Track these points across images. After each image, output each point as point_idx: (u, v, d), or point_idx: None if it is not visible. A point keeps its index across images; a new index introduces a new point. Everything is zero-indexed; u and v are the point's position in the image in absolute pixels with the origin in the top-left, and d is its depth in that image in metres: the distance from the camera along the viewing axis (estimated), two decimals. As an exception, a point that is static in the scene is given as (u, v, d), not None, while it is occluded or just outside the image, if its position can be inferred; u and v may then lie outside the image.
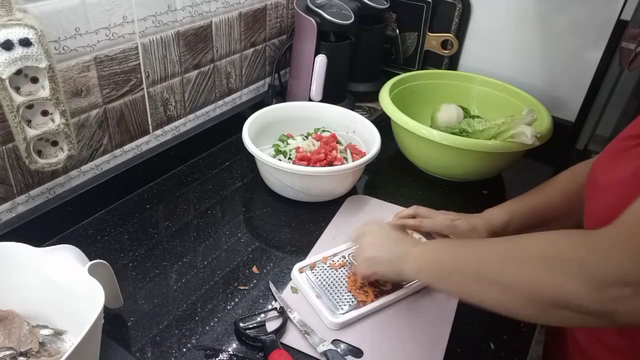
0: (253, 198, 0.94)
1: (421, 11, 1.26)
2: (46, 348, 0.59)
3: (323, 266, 0.77)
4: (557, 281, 0.46)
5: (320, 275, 0.75)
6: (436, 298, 0.74)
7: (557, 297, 0.46)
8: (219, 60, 1.05)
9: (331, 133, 1.00)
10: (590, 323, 0.47)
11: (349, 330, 0.68)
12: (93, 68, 0.80)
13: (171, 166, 0.98)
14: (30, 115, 0.70)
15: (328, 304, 0.70)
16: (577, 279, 0.44)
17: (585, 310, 0.44)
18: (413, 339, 0.68)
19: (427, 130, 0.93)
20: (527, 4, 1.13)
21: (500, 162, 0.96)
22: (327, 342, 0.65)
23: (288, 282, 0.75)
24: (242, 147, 0.90)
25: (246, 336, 0.66)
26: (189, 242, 0.82)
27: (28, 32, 0.64)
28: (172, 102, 0.98)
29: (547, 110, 1.01)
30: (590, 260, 0.44)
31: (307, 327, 0.67)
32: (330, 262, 0.77)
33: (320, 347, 0.64)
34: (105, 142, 0.87)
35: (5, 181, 0.74)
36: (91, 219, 0.85)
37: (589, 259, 0.44)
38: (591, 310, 0.44)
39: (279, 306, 0.70)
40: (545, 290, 0.47)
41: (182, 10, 0.91)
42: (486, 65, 1.24)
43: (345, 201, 0.93)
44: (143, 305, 0.70)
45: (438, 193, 0.99)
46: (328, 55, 1.10)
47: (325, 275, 0.75)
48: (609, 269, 0.43)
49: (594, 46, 1.08)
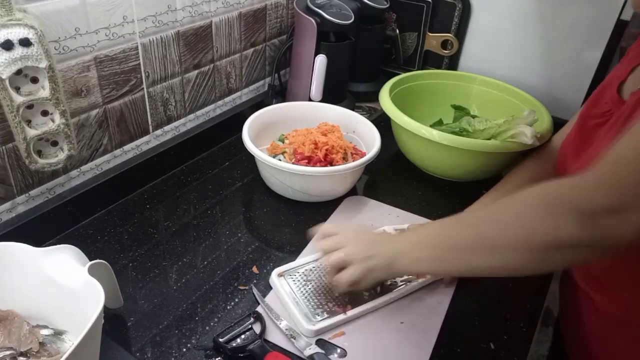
0: (253, 198, 0.94)
1: (421, 11, 1.25)
2: (46, 348, 0.59)
3: (303, 271, 0.75)
4: (551, 224, 0.50)
5: (300, 281, 0.73)
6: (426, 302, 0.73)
7: (554, 239, 0.50)
8: (219, 60, 1.05)
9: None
10: (589, 255, 0.52)
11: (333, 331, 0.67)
12: (93, 68, 0.80)
13: (171, 166, 0.98)
14: (30, 115, 0.70)
15: (305, 310, 0.68)
16: (569, 216, 0.49)
17: (579, 243, 0.49)
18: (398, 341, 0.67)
19: (427, 130, 0.93)
20: (527, 4, 1.13)
21: (500, 162, 0.96)
22: (313, 345, 0.64)
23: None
24: (242, 147, 0.90)
25: (231, 350, 0.63)
26: (189, 242, 0.82)
27: (28, 32, 0.64)
28: (172, 102, 0.98)
29: (547, 110, 1.01)
30: (578, 197, 0.49)
31: (292, 331, 0.66)
32: (311, 266, 0.75)
33: (306, 351, 0.63)
34: (105, 142, 0.87)
35: (5, 181, 0.74)
36: (91, 219, 0.85)
37: (577, 196, 0.49)
38: (584, 241, 0.49)
39: (254, 311, 0.69)
40: (543, 236, 0.51)
41: (182, 10, 0.91)
42: (486, 65, 1.24)
43: (342, 202, 0.92)
44: (143, 305, 0.70)
45: (438, 193, 0.99)
46: (328, 55, 1.10)
47: (305, 281, 0.73)
48: (595, 201, 0.48)
49: (594, 46, 1.08)
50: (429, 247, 0.61)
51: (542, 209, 0.51)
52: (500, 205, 0.57)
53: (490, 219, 0.56)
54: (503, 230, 0.54)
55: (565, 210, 0.49)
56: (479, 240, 0.56)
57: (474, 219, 0.59)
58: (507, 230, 0.53)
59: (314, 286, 0.72)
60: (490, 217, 0.57)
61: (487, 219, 0.57)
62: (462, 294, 0.75)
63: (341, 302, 0.70)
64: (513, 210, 0.54)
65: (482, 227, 0.56)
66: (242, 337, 0.65)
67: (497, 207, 0.58)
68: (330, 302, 0.70)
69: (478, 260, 0.56)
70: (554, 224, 0.49)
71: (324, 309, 0.69)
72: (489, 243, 0.55)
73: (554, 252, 0.51)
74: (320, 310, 0.69)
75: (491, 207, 0.58)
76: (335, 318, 0.68)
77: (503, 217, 0.55)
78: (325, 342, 0.66)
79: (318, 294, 0.71)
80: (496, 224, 0.55)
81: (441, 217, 0.67)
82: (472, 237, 0.57)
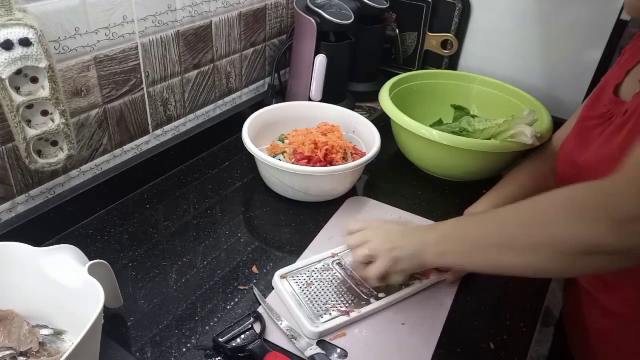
0: (253, 198, 0.94)
1: (421, 11, 1.26)
2: (46, 348, 0.59)
3: (306, 272, 0.75)
4: (581, 228, 0.49)
5: (303, 283, 0.73)
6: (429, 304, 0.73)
7: (584, 244, 0.49)
8: (219, 60, 1.05)
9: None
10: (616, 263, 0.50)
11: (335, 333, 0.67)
12: (93, 68, 0.80)
13: (171, 166, 0.98)
14: (30, 115, 0.70)
15: (308, 312, 0.68)
16: (600, 222, 0.47)
17: (610, 250, 0.48)
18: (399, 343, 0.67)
19: (427, 130, 0.93)
20: (527, 4, 1.13)
21: (500, 162, 0.96)
22: (314, 345, 0.64)
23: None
24: (242, 147, 0.90)
25: (231, 350, 0.63)
26: (189, 242, 0.82)
27: (28, 32, 0.64)
28: (172, 102, 0.98)
29: (547, 110, 1.01)
30: (609, 203, 0.48)
31: (293, 331, 0.66)
32: (313, 268, 0.76)
33: (308, 352, 0.63)
34: (105, 142, 0.87)
35: (5, 181, 0.74)
36: (91, 219, 0.85)
37: (607, 202, 0.48)
38: (615, 248, 0.47)
39: (254, 311, 0.69)
40: (573, 241, 0.50)
41: (182, 10, 0.91)
42: (486, 65, 1.24)
43: (344, 203, 0.92)
44: (143, 305, 0.70)
45: (438, 193, 0.99)
46: (328, 55, 1.10)
47: (307, 283, 0.73)
48: (626, 207, 0.47)
49: (594, 46, 1.08)
50: (456, 241, 0.61)
51: (572, 213, 0.50)
52: (529, 206, 0.55)
53: (519, 220, 0.56)
54: (532, 232, 0.53)
55: (597, 216, 0.48)
56: (507, 240, 0.55)
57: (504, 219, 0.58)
58: (535, 232, 0.53)
59: (317, 288, 0.72)
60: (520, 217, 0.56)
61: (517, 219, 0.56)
62: (462, 294, 0.75)
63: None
64: (542, 212, 0.53)
65: (511, 227, 0.56)
66: (242, 337, 0.65)
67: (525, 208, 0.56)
68: (334, 304, 0.70)
69: (504, 259, 0.56)
70: (585, 228, 0.48)
71: (327, 311, 0.69)
72: (517, 244, 0.54)
73: (582, 257, 0.50)
74: (323, 312, 0.69)
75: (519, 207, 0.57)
76: (339, 320, 0.67)
77: (532, 219, 0.54)
78: (326, 342, 0.66)
79: (321, 296, 0.71)
80: (525, 225, 0.54)
81: (441, 217, 0.68)
82: (500, 236, 0.56)
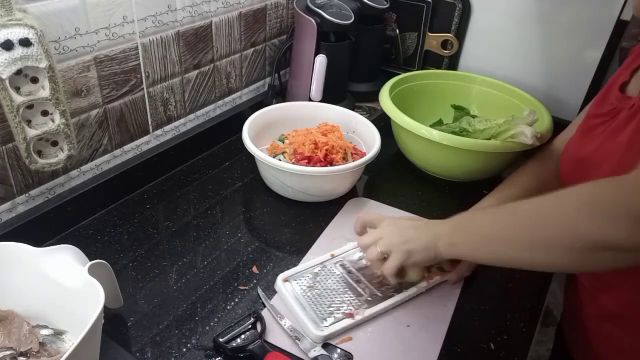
0: (253, 198, 0.94)
1: (421, 11, 1.26)
2: (46, 348, 0.59)
3: (308, 275, 0.74)
4: (598, 224, 0.49)
5: (305, 285, 0.73)
6: (432, 305, 0.73)
7: (600, 240, 0.49)
8: (219, 60, 1.05)
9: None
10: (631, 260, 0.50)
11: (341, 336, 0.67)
12: (93, 68, 0.80)
13: (171, 166, 0.98)
14: (30, 115, 0.70)
15: (312, 315, 0.68)
16: (617, 218, 0.47)
17: (627, 246, 0.47)
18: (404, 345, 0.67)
19: (427, 130, 0.93)
20: (527, 4, 1.13)
21: (500, 162, 0.96)
22: (318, 347, 0.64)
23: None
24: (242, 147, 0.90)
25: (231, 350, 0.63)
26: (189, 242, 0.82)
27: (28, 32, 0.64)
28: (172, 102, 0.98)
29: (547, 110, 1.01)
30: (626, 199, 0.48)
31: (297, 332, 0.66)
32: (316, 270, 0.75)
33: (311, 353, 0.63)
34: (105, 142, 0.87)
35: (5, 181, 0.74)
36: (91, 219, 0.85)
37: (625, 198, 0.48)
38: (632, 245, 0.47)
39: (254, 311, 0.68)
40: (589, 236, 0.49)
41: (182, 10, 0.91)
42: (486, 65, 1.24)
43: (345, 205, 0.92)
44: (143, 305, 0.70)
45: (438, 193, 0.99)
46: (328, 55, 1.10)
47: (310, 285, 0.73)
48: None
49: (594, 46, 1.08)
50: (467, 233, 0.62)
51: (590, 209, 0.50)
52: (544, 201, 0.55)
53: (534, 214, 0.55)
54: (547, 227, 0.53)
55: (615, 212, 0.48)
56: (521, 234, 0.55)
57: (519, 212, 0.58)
58: (551, 227, 0.53)
59: (320, 291, 0.72)
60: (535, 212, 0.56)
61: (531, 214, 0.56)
62: (462, 295, 0.75)
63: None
64: (558, 207, 0.53)
65: (526, 221, 0.56)
66: (242, 337, 0.65)
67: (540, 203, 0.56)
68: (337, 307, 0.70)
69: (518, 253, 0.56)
70: (604, 225, 0.48)
71: (332, 313, 0.69)
72: (531, 238, 0.54)
73: (599, 253, 0.50)
74: (327, 314, 0.68)
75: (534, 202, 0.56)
76: (343, 323, 0.67)
77: (548, 214, 0.54)
78: (330, 344, 0.66)
79: (324, 299, 0.71)
80: (540, 220, 0.54)
81: (441, 217, 0.68)
82: (514, 230, 0.56)
